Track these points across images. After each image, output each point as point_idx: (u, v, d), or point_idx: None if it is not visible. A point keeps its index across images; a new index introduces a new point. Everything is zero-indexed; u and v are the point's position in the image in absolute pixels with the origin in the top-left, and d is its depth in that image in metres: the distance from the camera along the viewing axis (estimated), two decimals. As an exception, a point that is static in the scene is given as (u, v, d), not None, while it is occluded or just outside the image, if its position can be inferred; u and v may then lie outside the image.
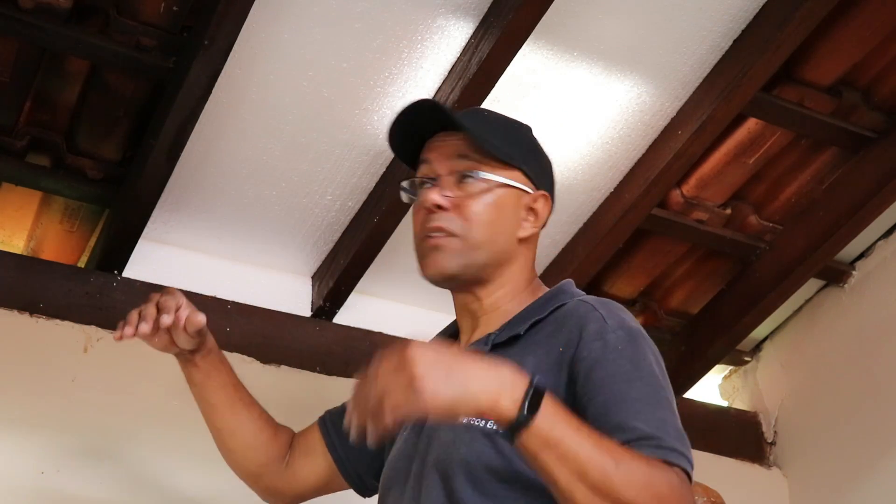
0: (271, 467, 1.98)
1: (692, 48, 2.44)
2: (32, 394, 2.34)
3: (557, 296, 1.76)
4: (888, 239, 3.02)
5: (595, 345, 1.61)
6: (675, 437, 1.53)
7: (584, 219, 2.73)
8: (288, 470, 1.98)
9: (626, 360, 1.59)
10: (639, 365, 1.59)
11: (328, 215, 2.61)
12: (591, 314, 1.65)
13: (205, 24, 2.11)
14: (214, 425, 1.97)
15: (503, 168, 1.77)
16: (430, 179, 1.78)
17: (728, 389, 3.34)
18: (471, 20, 2.28)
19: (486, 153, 1.76)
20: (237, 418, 1.96)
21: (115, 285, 2.50)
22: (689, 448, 1.55)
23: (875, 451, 2.91)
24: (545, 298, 1.76)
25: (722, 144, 2.66)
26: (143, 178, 2.33)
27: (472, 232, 1.74)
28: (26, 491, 2.26)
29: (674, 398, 1.62)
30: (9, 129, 2.37)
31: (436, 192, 1.75)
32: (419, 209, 1.78)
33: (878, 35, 2.47)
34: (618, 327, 1.63)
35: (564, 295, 1.76)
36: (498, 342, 1.72)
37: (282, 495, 2.01)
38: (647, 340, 1.65)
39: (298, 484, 1.98)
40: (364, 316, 2.73)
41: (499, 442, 1.59)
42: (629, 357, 1.59)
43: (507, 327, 1.73)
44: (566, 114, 2.52)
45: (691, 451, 1.56)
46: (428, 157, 1.80)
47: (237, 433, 1.97)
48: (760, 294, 2.91)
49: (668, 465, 1.50)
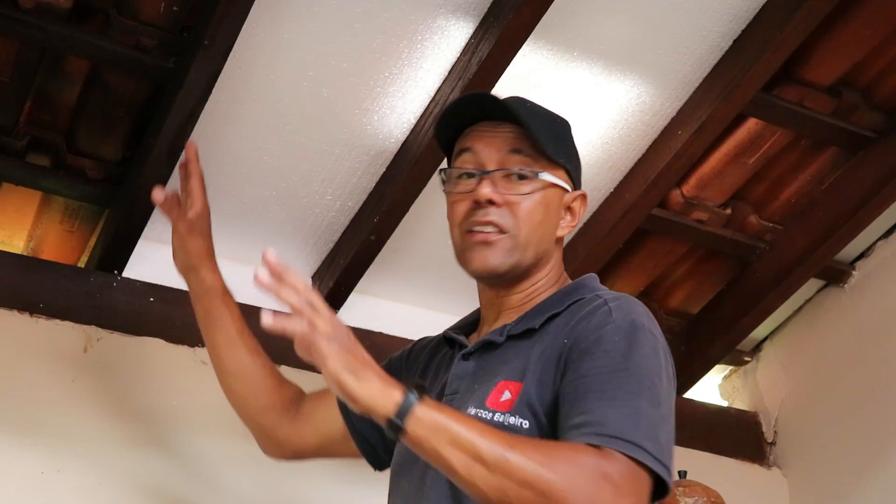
0: (272, 415, 2.01)
1: (692, 48, 2.44)
2: (32, 394, 2.34)
3: (577, 290, 1.75)
4: (888, 239, 3.02)
5: (592, 337, 1.61)
6: (643, 429, 1.50)
7: (585, 219, 2.73)
8: (292, 423, 2.00)
9: (617, 352, 1.58)
10: (629, 356, 1.57)
11: (328, 215, 2.61)
12: (600, 308, 1.65)
13: (205, 24, 2.11)
14: (216, 364, 2.03)
15: (552, 166, 1.77)
16: (479, 172, 1.75)
17: (728, 389, 3.34)
18: (471, 20, 2.28)
19: (539, 149, 1.75)
20: (237, 361, 2.00)
21: (115, 285, 2.50)
22: (662, 444, 1.52)
23: (875, 450, 2.91)
24: (564, 292, 1.75)
25: (722, 144, 2.66)
26: (143, 178, 2.33)
27: (524, 231, 1.74)
28: (26, 491, 2.26)
29: (666, 394, 1.59)
30: (9, 129, 2.37)
31: (488, 185, 1.73)
32: (463, 199, 1.76)
33: (878, 35, 2.47)
34: (621, 319, 1.62)
35: (584, 290, 1.75)
36: (513, 333, 1.71)
37: (280, 447, 2.03)
38: (648, 334, 1.62)
39: (301, 440, 2.01)
40: (364, 316, 2.73)
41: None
42: (622, 348, 1.58)
43: (523, 319, 1.72)
44: (566, 114, 2.51)
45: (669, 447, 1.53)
46: (474, 147, 1.77)
47: (238, 375, 2.01)
48: (760, 294, 2.91)
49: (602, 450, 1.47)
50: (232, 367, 2.02)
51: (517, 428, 1.59)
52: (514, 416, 1.60)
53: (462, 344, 1.79)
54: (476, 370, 1.72)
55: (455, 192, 1.77)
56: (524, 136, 1.74)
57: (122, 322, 2.48)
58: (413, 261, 2.71)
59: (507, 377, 1.65)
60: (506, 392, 1.63)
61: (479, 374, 1.70)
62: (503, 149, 1.75)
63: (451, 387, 1.73)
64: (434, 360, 1.88)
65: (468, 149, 1.77)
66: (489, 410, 1.62)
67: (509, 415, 1.61)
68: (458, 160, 1.79)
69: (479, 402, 1.65)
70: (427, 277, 2.72)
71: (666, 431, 1.55)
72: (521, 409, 1.60)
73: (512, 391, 1.63)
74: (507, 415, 1.61)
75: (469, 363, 1.74)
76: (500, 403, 1.63)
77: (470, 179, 1.76)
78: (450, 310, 1.94)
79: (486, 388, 1.66)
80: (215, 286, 2.02)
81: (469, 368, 1.73)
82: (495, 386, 1.65)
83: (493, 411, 1.62)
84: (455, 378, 1.73)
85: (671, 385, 1.64)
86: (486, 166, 1.75)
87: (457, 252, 1.78)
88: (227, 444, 2.46)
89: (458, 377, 1.73)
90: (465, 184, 1.76)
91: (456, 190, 1.77)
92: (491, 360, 1.71)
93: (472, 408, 1.64)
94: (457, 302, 2.03)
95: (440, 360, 1.86)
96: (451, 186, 1.78)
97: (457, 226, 1.77)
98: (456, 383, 1.72)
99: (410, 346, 1.99)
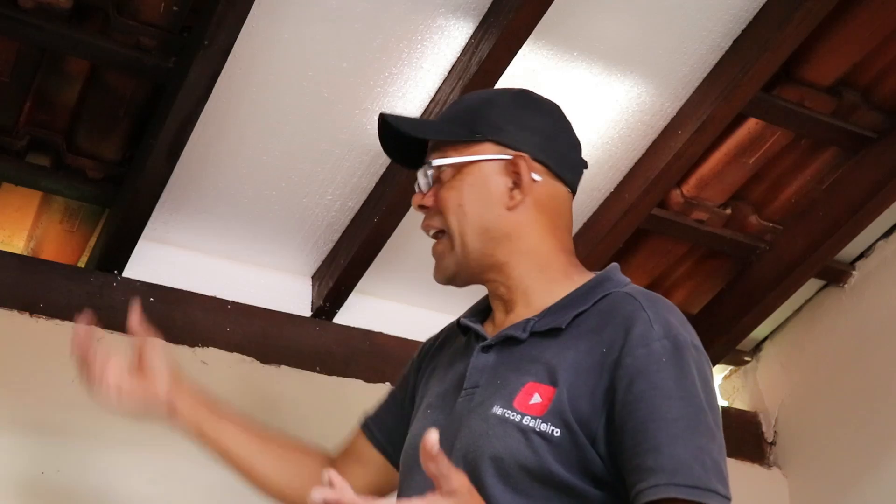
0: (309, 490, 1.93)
1: (692, 48, 2.44)
2: (32, 394, 2.34)
3: (603, 284, 1.68)
4: (888, 239, 3.02)
5: (639, 352, 1.55)
6: (711, 469, 1.51)
7: (584, 219, 2.73)
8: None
9: (668, 375, 1.53)
10: (681, 382, 1.54)
11: (328, 215, 2.61)
12: (637, 315, 1.59)
13: (205, 24, 2.11)
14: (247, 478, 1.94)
15: (468, 146, 1.72)
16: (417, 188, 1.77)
17: (728, 389, 3.34)
18: (471, 20, 2.28)
19: (445, 142, 1.73)
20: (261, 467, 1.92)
21: (115, 285, 2.50)
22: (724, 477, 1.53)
23: (875, 450, 2.91)
24: (589, 287, 1.68)
25: (722, 144, 2.66)
26: (143, 178, 2.33)
27: (451, 221, 1.71)
28: (26, 491, 2.26)
29: (718, 416, 1.58)
30: (9, 129, 2.37)
31: (417, 195, 1.75)
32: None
33: (878, 35, 2.47)
34: (664, 335, 1.56)
35: (610, 283, 1.68)
36: (537, 330, 1.65)
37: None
38: (692, 352, 1.58)
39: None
40: (364, 316, 2.73)
41: (533, 439, 1.55)
42: (672, 371, 1.54)
43: (547, 315, 1.66)
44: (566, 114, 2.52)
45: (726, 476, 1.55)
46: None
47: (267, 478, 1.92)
48: (760, 294, 2.91)
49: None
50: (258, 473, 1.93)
51: (548, 436, 1.55)
52: (545, 422, 1.55)
53: (479, 334, 1.72)
54: (497, 364, 1.66)
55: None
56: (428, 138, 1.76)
57: (122, 322, 2.47)
58: (413, 261, 2.71)
59: (537, 379, 1.59)
60: (535, 395, 1.58)
61: (501, 369, 1.65)
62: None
63: (470, 379, 1.67)
64: (446, 351, 1.82)
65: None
66: (518, 413, 1.57)
67: (541, 420, 1.56)
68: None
69: (505, 401, 1.59)
70: (427, 277, 2.69)
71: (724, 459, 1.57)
72: (553, 417, 1.55)
73: (543, 395, 1.58)
74: (539, 420, 1.56)
75: (489, 356, 1.68)
76: (530, 407, 1.58)
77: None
78: (450, 310, 1.93)
79: (513, 388, 1.60)
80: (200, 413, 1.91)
81: (489, 362, 1.67)
82: (523, 386, 1.60)
83: (522, 413, 1.57)
84: (475, 370, 1.67)
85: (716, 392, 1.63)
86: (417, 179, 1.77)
87: None
88: (227, 444, 2.46)
89: (478, 370, 1.67)
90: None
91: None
92: (514, 356, 1.65)
93: (498, 407, 1.59)
94: (457, 302, 2.03)
95: (455, 349, 1.79)
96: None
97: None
98: (476, 376, 1.66)
99: (418, 353, 1.92)
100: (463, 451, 1.60)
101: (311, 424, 2.56)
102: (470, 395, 1.65)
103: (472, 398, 1.64)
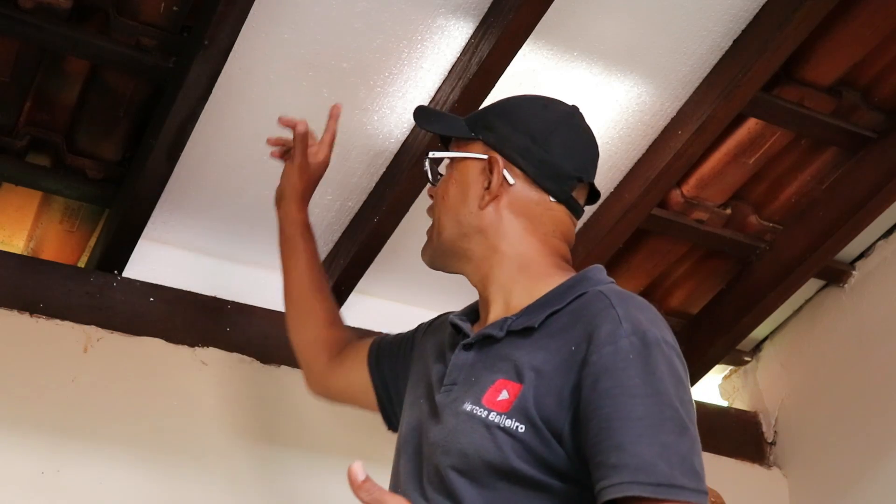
0: (315, 350, 2.14)
1: (692, 48, 2.44)
2: (32, 394, 2.34)
3: (580, 283, 1.70)
4: (888, 239, 3.02)
5: (606, 349, 1.55)
6: (678, 465, 1.48)
7: (585, 219, 2.73)
8: (329, 363, 2.12)
9: (635, 372, 1.53)
10: (647, 379, 1.53)
11: (328, 215, 2.61)
12: (606, 312, 1.59)
13: (205, 24, 2.11)
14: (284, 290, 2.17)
15: (466, 144, 1.81)
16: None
17: (728, 389, 3.34)
18: (471, 20, 2.28)
19: (447, 139, 1.85)
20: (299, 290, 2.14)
21: (115, 285, 2.50)
22: (695, 471, 1.50)
23: (875, 450, 2.92)
24: (566, 286, 1.69)
25: (722, 144, 2.66)
26: (143, 178, 2.34)
27: (438, 214, 1.81)
28: (26, 491, 2.26)
29: (690, 412, 1.56)
30: (9, 129, 2.37)
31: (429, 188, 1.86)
32: None
33: (878, 35, 2.47)
34: (632, 332, 1.56)
35: (587, 283, 1.70)
36: (513, 329, 1.67)
37: (315, 382, 2.16)
38: (661, 348, 1.58)
39: (330, 380, 2.12)
40: (364, 316, 2.73)
41: (497, 435, 1.57)
42: (639, 369, 1.54)
43: (524, 315, 1.68)
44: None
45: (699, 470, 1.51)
46: None
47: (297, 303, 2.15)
48: (760, 294, 2.90)
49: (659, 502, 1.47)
50: (293, 295, 2.15)
51: (512, 431, 1.57)
52: (510, 418, 1.58)
53: (464, 332, 1.76)
54: (475, 362, 1.70)
55: None
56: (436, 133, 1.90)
57: (122, 322, 2.48)
58: (413, 261, 2.68)
59: (506, 376, 1.62)
60: (503, 392, 1.61)
61: (478, 367, 1.68)
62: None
63: (449, 376, 1.71)
64: (435, 339, 1.88)
65: None
66: (485, 409, 1.60)
67: (506, 416, 1.58)
68: None
69: (475, 398, 1.63)
70: (427, 277, 2.70)
71: (697, 453, 1.53)
72: (518, 413, 1.58)
73: (510, 392, 1.60)
74: (504, 416, 1.58)
75: (469, 354, 1.72)
76: (497, 403, 1.60)
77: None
78: (449, 310, 1.93)
79: (484, 385, 1.64)
80: (299, 219, 2.15)
81: (468, 359, 1.71)
82: (493, 384, 1.63)
83: (488, 409, 1.60)
84: (455, 368, 1.71)
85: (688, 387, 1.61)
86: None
87: None
88: (227, 445, 2.46)
89: (458, 367, 1.71)
90: None
91: None
92: (490, 354, 1.68)
93: (468, 403, 1.62)
94: (457, 302, 2.03)
95: (444, 342, 1.84)
96: None
97: None
98: (455, 373, 1.71)
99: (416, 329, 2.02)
100: (435, 443, 1.65)
101: (312, 424, 2.56)
102: (448, 390, 1.69)
103: (449, 394, 1.69)
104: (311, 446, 2.56)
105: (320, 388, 2.17)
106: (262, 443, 2.51)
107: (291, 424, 2.56)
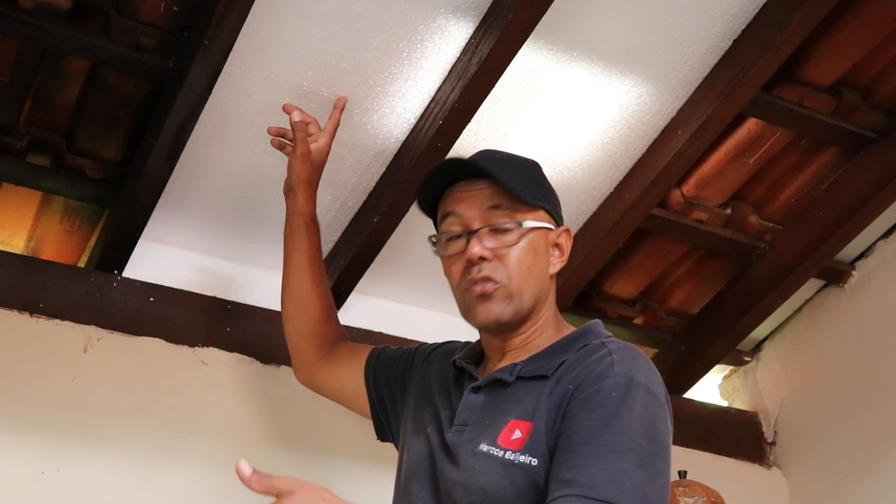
0: (308, 343, 2.22)
1: (692, 48, 2.44)
2: (32, 394, 2.34)
3: (584, 335, 1.84)
4: (888, 239, 3.02)
5: (593, 388, 1.68)
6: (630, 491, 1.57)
7: (585, 219, 2.73)
8: (320, 359, 2.20)
9: (610, 407, 1.65)
10: (621, 412, 1.64)
11: (328, 215, 2.61)
12: (603, 359, 1.73)
13: (205, 24, 2.11)
14: (283, 279, 2.23)
15: (530, 210, 1.85)
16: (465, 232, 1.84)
17: (728, 389, 3.34)
18: (471, 20, 2.28)
19: (516, 198, 1.83)
20: (298, 282, 2.19)
21: (115, 285, 2.50)
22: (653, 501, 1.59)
23: (875, 450, 2.92)
24: (572, 337, 1.84)
25: (722, 144, 2.66)
26: (143, 178, 2.33)
27: (515, 279, 1.82)
28: (26, 491, 2.26)
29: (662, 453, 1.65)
30: (9, 129, 2.37)
31: (476, 244, 1.82)
32: (456, 260, 1.85)
33: (878, 35, 2.47)
34: (621, 374, 1.69)
35: (591, 335, 1.83)
36: (523, 375, 1.80)
37: (303, 373, 2.25)
38: (642, 392, 1.68)
39: (320, 377, 2.21)
40: (364, 316, 2.73)
41: (513, 472, 1.68)
42: (616, 405, 1.65)
43: (533, 361, 1.81)
44: (566, 114, 2.52)
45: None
46: (456, 210, 1.86)
47: (294, 294, 2.21)
48: (760, 294, 2.91)
49: None
50: (292, 286, 2.21)
51: (527, 466, 1.68)
52: (524, 454, 1.69)
53: (472, 374, 1.88)
54: (486, 405, 1.81)
55: (448, 255, 1.88)
56: (500, 189, 1.84)
57: (122, 322, 2.48)
58: (413, 261, 2.71)
59: (519, 416, 1.74)
60: (516, 431, 1.73)
61: (489, 409, 1.79)
62: (483, 206, 1.84)
63: (460, 417, 1.82)
64: (442, 376, 1.96)
65: (451, 212, 1.87)
66: (501, 448, 1.71)
67: (519, 453, 1.70)
68: (443, 224, 1.89)
69: (490, 439, 1.74)
70: (427, 277, 2.72)
71: (658, 488, 1.62)
72: (532, 448, 1.69)
73: (522, 430, 1.72)
74: (518, 453, 1.70)
75: (479, 396, 1.83)
76: (511, 442, 1.72)
77: (459, 240, 1.86)
78: (450, 310, 1.93)
79: (498, 426, 1.75)
80: (305, 211, 2.19)
81: (479, 402, 1.82)
82: (506, 424, 1.74)
83: (504, 449, 1.71)
84: (465, 409, 1.82)
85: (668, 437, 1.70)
86: (472, 225, 1.85)
87: (462, 310, 1.88)
88: (226, 444, 2.46)
89: (468, 409, 1.82)
90: (454, 245, 1.86)
91: (448, 253, 1.88)
92: (500, 397, 1.80)
93: (484, 444, 1.74)
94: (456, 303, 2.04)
95: (448, 381, 1.93)
96: (443, 250, 1.89)
97: (456, 286, 1.87)
98: (465, 415, 1.81)
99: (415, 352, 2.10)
100: (453, 479, 1.75)
101: (312, 424, 2.56)
102: (459, 431, 1.80)
103: (461, 434, 1.79)
104: (311, 446, 2.56)
105: (308, 380, 2.26)
106: (262, 443, 2.51)
107: (291, 424, 2.56)
